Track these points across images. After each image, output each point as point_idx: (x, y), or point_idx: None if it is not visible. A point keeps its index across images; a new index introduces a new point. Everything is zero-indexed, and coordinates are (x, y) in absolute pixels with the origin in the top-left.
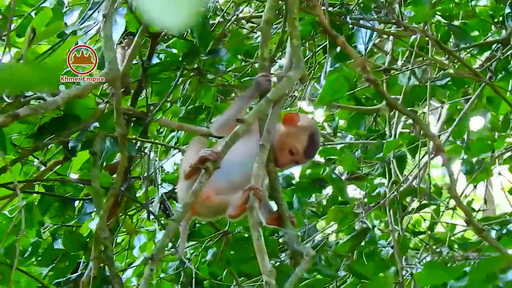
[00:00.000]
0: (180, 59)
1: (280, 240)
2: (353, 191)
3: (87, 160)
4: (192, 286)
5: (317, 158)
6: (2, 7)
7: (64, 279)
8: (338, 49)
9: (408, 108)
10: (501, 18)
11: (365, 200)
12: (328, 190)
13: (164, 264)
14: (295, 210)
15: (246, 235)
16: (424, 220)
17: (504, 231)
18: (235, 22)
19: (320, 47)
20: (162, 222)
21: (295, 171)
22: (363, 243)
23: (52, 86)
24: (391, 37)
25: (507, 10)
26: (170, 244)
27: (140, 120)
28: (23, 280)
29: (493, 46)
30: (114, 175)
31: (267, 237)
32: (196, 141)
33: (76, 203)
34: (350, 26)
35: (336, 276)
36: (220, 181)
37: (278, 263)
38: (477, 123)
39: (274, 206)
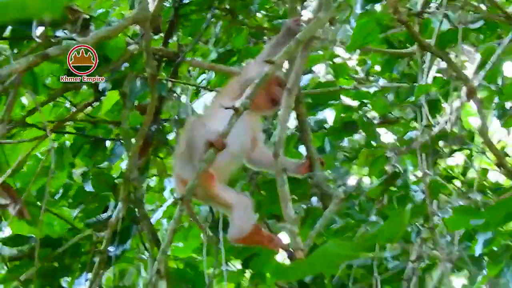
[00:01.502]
0: None
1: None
2: (385, 135)
3: (117, 101)
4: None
5: (350, 101)
6: None
7: (94, 220)
8: None
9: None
10: None
11: (397, 143)
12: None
13: (196, 208)
14: (327, 153)
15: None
16: (457, 165)
17: None
18: None
19: None
20: None
21: (329, 116)
22: (395, 188)
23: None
24: None
25: None
26: None
27: (171, 60)
28: (56, 223)
29: None
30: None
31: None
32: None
33: (108, 144)
34: None
35: (367, 220)
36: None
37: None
38: (510, 68)
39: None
